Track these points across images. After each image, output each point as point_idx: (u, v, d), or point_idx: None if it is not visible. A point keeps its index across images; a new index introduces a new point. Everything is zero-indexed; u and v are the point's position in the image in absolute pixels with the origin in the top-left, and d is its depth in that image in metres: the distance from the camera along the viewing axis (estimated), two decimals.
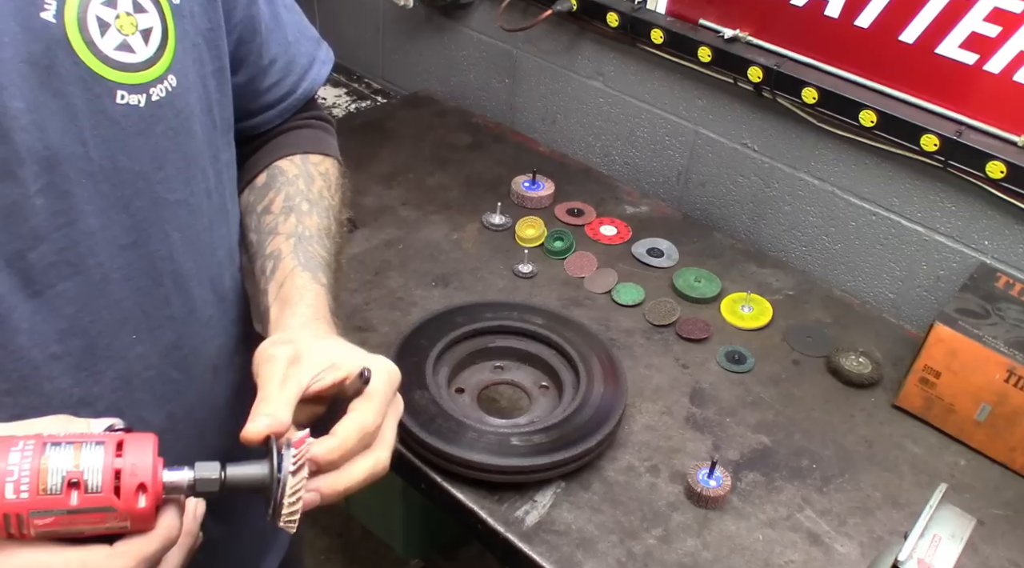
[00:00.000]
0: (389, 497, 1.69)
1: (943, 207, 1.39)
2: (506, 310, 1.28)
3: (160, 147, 0.67)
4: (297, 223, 0.83)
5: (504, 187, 1.65)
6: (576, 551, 1.03)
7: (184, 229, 0.72)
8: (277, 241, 0.82)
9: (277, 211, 0.84)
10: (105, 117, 0.63)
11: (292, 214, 0.84)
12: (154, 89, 0.65)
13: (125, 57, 0.63)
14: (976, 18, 1.23)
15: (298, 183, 0.87)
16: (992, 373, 1.16)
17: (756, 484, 1.14)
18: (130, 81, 0.64)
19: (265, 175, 0.87)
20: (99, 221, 0.65)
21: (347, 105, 2.08)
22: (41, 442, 0.50)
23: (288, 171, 0.88)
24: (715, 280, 1.46)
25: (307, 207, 0.85)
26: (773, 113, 1.51)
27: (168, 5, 0.66)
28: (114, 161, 0.64)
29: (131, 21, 0.63)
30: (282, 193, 0.85)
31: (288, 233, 0.82)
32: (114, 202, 0.65)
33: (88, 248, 0.65)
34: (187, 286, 0.74)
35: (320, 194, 0.88)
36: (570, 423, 1.11)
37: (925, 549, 0.84)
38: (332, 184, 0.91)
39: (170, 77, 0.66)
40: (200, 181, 0.73)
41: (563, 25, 1.72)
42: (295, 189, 0.86)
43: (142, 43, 0.64)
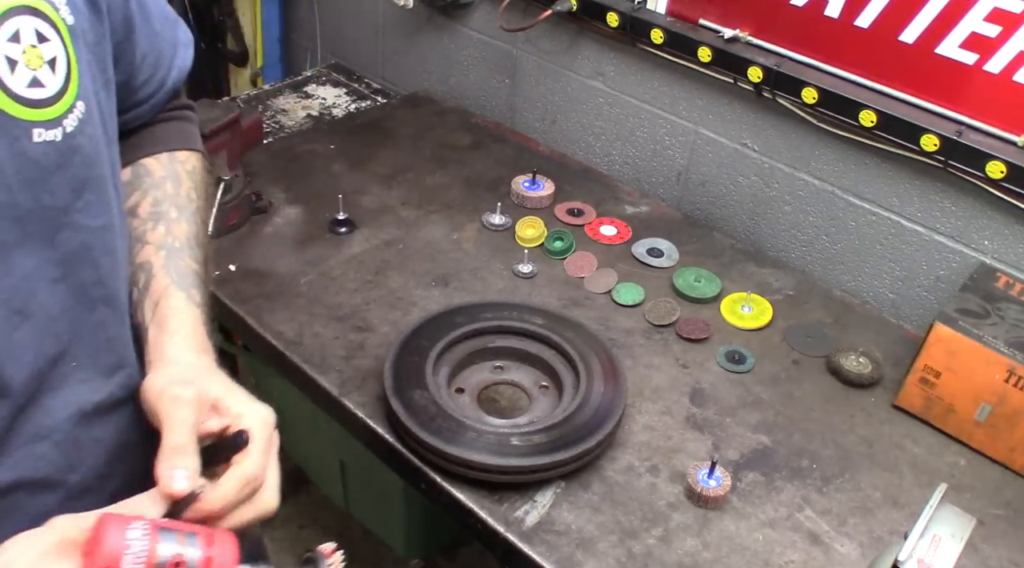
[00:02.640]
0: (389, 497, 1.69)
1: (943, 207, 1.39)
2: (506, 310, 1.28)
3: (78, 177, 0.66)
4: (166, 233, 0.81)
5: (504, 187, 1.65)
6: (576, 551, 1.03)
7: (110, 252, 0.71)
8: (147, 252, 0.80)
9: (144, 216, 0.82)
10: (26, 159, 0.61)
11: (161, 222, 0.82)
12: (67, 120, 0.63)
13: (37, 93, 0.61)
14: (976, 18, 1.23)
15: (165, 186, 0.84)
16: (992, 373, 1.16)
17: (756, 484, 1.14)
18: (44, 117, 0.61)
19: (130, 172, 0.84)
20: (32, 262, 0.64)
21: (347, 105, 2.07)
22: (153, 525, 0.58)
23: (155, 172, 0.85)
24: (715, 280, 1.46)
25: (175, 213, 0.83)
26: (773, 113, 1.51)
27: (65, 28, 0.64)
28: (38, 201, 0.63)
29: (37, 53, 0.60)
30: (149, 196, 0.83)
31: (158, 244, 0.80)
32: (40, 240, 0.64)
33: (29, 291, 0.64)
34: (118, 305, 0.73)
35: (188, 197, 0.85)
36: (570, 423, 1.11)
37: (925, 549, 0.84)
38: (198, 184, 0.88)
39: (79, 104, 0.65)
40: (114, 201, 0.72)
41: (563, 25, 1.72)
42: (162, 193, 0.84)
43: (50, 74, 0.62)
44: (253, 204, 1.52)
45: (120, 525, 0.57)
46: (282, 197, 1.59)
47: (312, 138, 1.80)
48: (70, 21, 0.65)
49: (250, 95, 2.11)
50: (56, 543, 0.57)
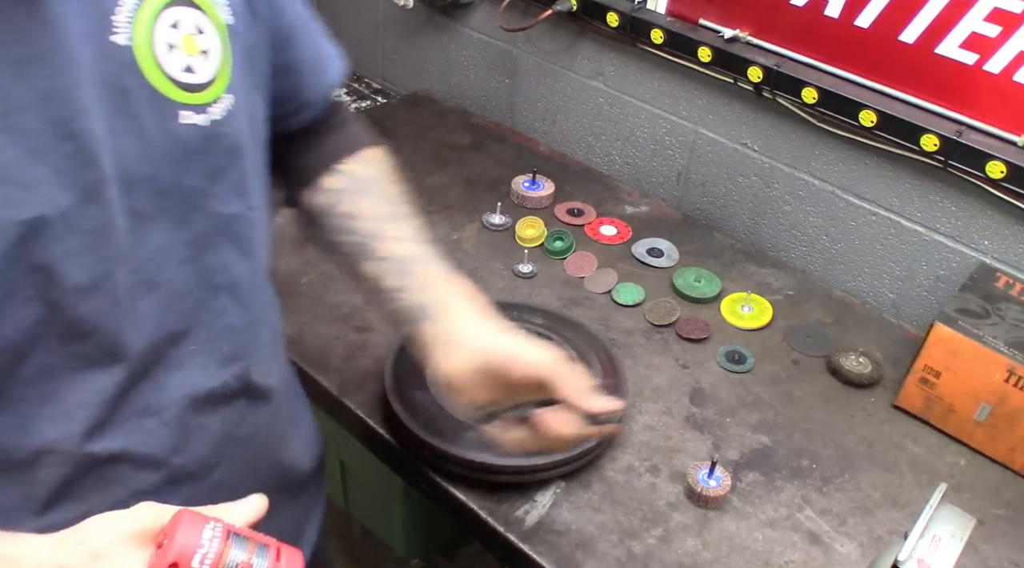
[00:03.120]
0: (389, 497, 1.69)
1: (943, 207, 1.39)
2: (506, 310, 1.27)
3: (217, 164, 0.69)
4: (409, 227, 0.89)
5: (504, 187, 1.65)
6: (576, 551, 1.03)
7: (239, 241, 0.73)
8: (389, 246, 0.86)
9: (370, 216, 0.88)
10: (172, 137, 0.64)
11: (388, 221, 0.88)
12: (213, 108, 0.67)
13: (188, 78, 0.65)
14: (976, 18, 1.23)
15: (380, 188, 0.91)
16: (992, 373, 1.16)
17: (756, 484, 1.14)
18: (193, 101, 0.65)
19: (337, 178, 0.90)
20: (165, 238, 0.67)
21: (347, 105, 2.07)
22: (227, 530, 0.60)
23: (361, 175, 0.91)
24: (715, 280, 1.46)
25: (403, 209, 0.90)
26: (773, 113, 1.51)
27: (223, 26, 0.68)
28: (178, 180, 0.66)
29: (193, 42, 0.65)
30: (368, 199, 0.89)
31: (395, 237, 0.87)
32: (175, 218, 0.67)
33: (159, 265, 0.66)
34: (242, 296, 0.75)
35: (394, 190, 0.92)
36: None
37: (925, 549, 0.84)
38: (393, 173, 0.95)
39: (227, 97, 0.68)
40: (252, 194, 0.75)
41: (563, 25, 1.72)
42: (383, 195, 0.90)
43: (203, 62, 0.66)
44: None
45: (197, 524, 0.59)
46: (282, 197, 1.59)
47: None
48: (229, 21, 0.69)
49: None
50: (134, 531, 0.58)
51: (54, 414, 0.64)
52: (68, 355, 0.63)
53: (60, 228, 0.58)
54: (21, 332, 0.60)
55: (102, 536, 0.58)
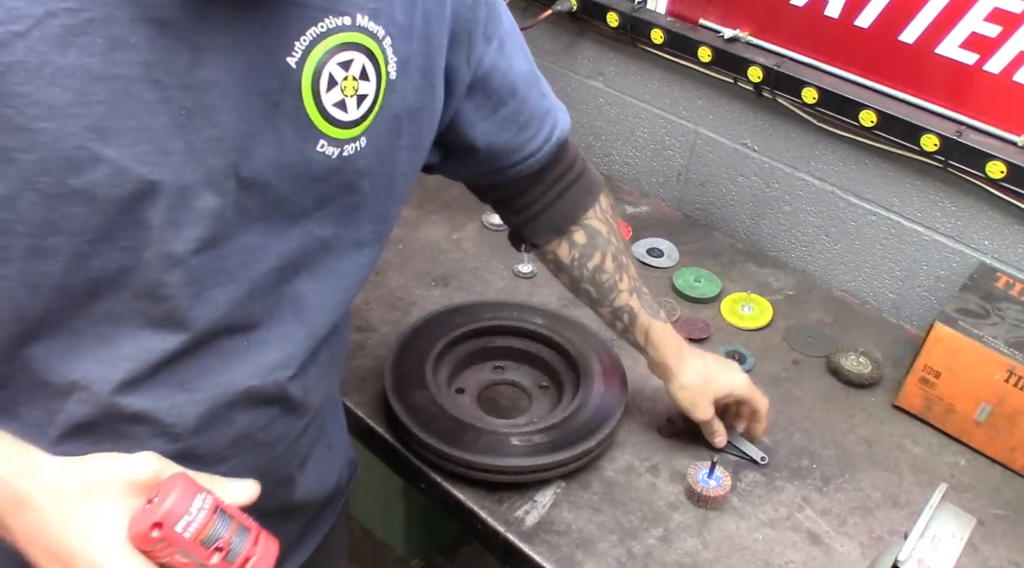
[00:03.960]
0: (389, 497, 1.69)
1: (943, 207, 1.39)
2: (506, 310, 1.28)
3: (329, 193, 0.73)
4: (630, 279, 1.07)
5: None
6: (576, 551, 1.03)
7: (319, 263, 0.77)
8: (623, 298, 1.06)
9: (611, 270, 1.05)
10: (302, 159, 0.69)
11: (624, 272, 1.06)
12: (348, 146, 0.71)
13: (338, 114, 0.69)
14: (976, 18, 1.23)
15: (613, 240, 1.05)
16: (992, 373, 1.16)
17: (756, 484, 1.14)
18: (332, 134, 0.70)
19: (583, 234, 1.03)
20: (259, 240, 0.70)
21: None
22: (216, 504, 0.61)
23: (602, 230, 1.04)
24: (715, 280, 1.46)
25: (625, 260, 1.06)
26: (773, 113, 1.51)
27: (385, 78, 0.72)
28: (292, 196, 0.70)
29: (354, 85, 0.69)
30: (608, 254, 1.04)
31: (629, 290, 1.06)
32: (275, 228, 0.71)
33: (243, 262, 0.70)
34: (305, 313, 0.78)
35: (622, 241, 1.07)
36: (570, 423, 1.11)
37: (925, 549, 0.84)
38: (618, 222, 1.08)
39: (363, 139, 0.72)
40: (347, 227, 0.77)
41: (563, 25, 1.72)
42: (614, 248, 1.05)
43: (355, 105, 0.70)
44: None
45: (190, 491, 0.60)
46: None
47: None
48: (393, 77, 0.73)
49: None
50: (131, 479, 0.61)
51: (103, 356, 0.67)
52: (137, 311, 0.66)
53: (174, 199, 0.63)
54: (106, 273, 0.63)
55: (102, 473, 0.61)
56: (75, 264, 0.62)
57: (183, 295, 0.67)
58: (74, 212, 0.60)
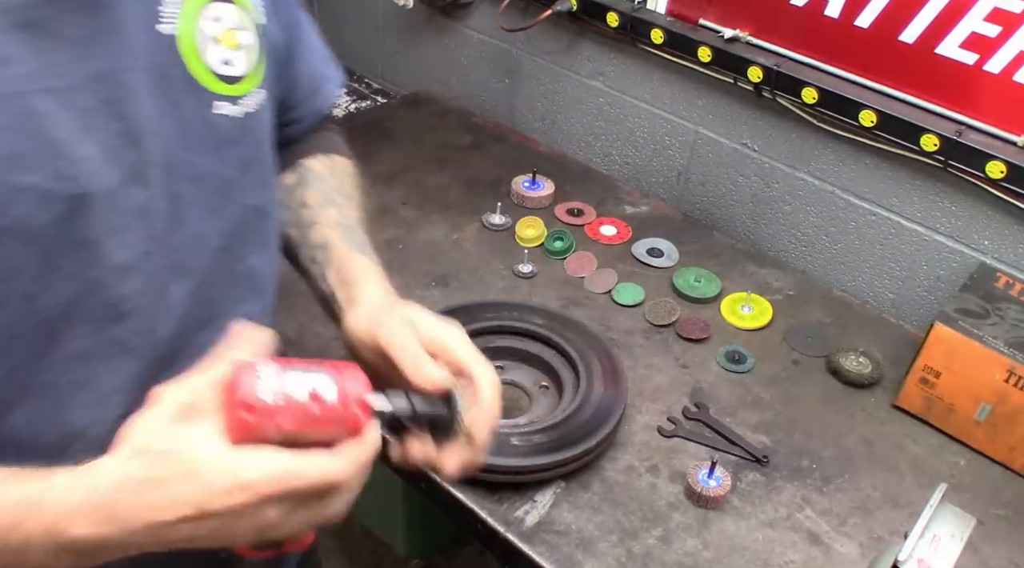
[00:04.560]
0: (389, 497, 1.69)
1: (943, 207, 1.39)
2: (506, 310, 1.28)
3: (247, 156, 0.72)
4: (339, 214, 0.88)
5: (504, 187, 1.65)
6: (576, 551, 1.03)
7: (259, 233, 0.76)
8: (322, 231, 0.85)
9: (315, 205, 0.88)
10: (207, 125, 0.67)
11: (332, 207, 0.88)
12: (246, 101, 0.70)
13: (226, 70, 0.68)
14: (976, 18, 1.23)
15: (329, 180, 0.92)
16: (992, 373, 1.16)
17: (756, 484, 1.14)
18: (228, 92, 0.68)
19: (295, 174, 0.91)
20: (201, 225, 0.68)
21: (347, 105, 2.07)
22: (280, 365, 0.58)
23: (317, 169, 0.92)
24: (715, 280, 1.46)
25: (343, 200, 0.90)
26: (773, 113, 1.51)
27: (260, 26, 0.72)
28: (214, 168, 0.69)
29: (234, 37, 0.68)
30: (316, 188, 0.90)
31: (332, 223, 0.86)
32: (212, 206, 0.69)
33: (193, 252, 0.68)
34: (259, 286, 0.78)
35: (351, 191, 0.93)
36: (570, 423, 1.11)
37: (925, 549, 0.84)
38: (356, 183, 0.96)
39: (259, 91, 0.72)
40: (270, 188, 0.77)
41: (563, 25, 1.72)
42: (328, 185, 0.91)
43: (241, 57, 0.69)
44: None
45: (250, 367, 0.58)
46: None
47: None
48: (261, 21, 0.72)
49: None
50: (173, 412, 0.57)
51: (88, 401, 0.65)
52: (102, 341, 0.64)
53: (105, 206, 0.60)
54: (57, 309, 0.60)
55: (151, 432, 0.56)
56: (24, 309, 0.58)
57: (143, 305, 0.65)
58: (10, 253, 0.56)
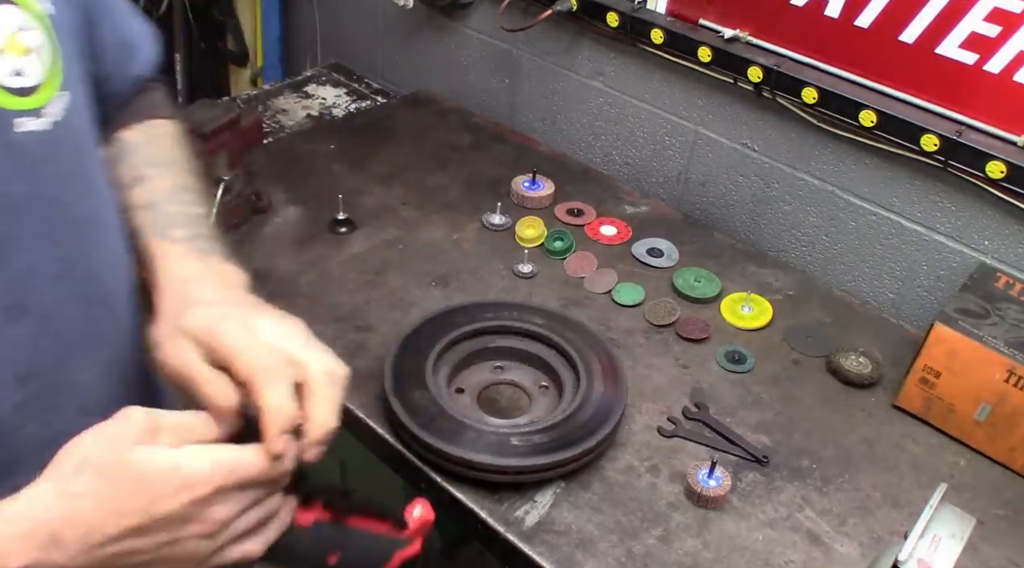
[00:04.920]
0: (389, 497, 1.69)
1: (943, 207, 1.39)
2: (506, 310, 1.28)
3: (65, 169, 0.65)
4: (146, 191, 0.81)
5: (504, 187, 1.65)
6: (576, 551, 1.03)
7: (101, 246, 0.71)
8: (133, 216, 0.80)
9: (127, 183, 0.82)
10: (12, 149, 0.60)
11: (140, 184, 0.82)
12: (51, 109, 0.63)
13: (18, 81, 0.60)
14: (976, 18, 1.23)
15: (140, 150, 0.85)
16: (992, 373, 1.16)
17: (756, 484, 1.14)
18: (26, 107, 0.61)
19: (112, 149, 0.85)
20: (30, 257, 0.63)
21: (347, 105, 2.07)
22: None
23: (130, 140, 0.85)
24: (715, 280, 1.46)
25: (153, 171, 0.83)
26: (773, 113, 1.51)
27: (44, 16, 0.63)
28: (31, 192, 0.62)
29: (17, 42, 0.60)
30: (127, 164, 0.83)
31: (140, 205, 0.80)
32: (40, 234, 0.64)
33: (27, 286, 0.63)
34: (112, 302, 0.73)
35: (163, 155, 0.86)
36: (570, 423, 1.11)
37: (925, 549, 0.84)
38: (174, 143, 0.89)
39: (62, 95, 0.64)
40: (102, 192, 0.72)
41: (563, 25, 1.72)
42: (139, 157, 0.84)
43: (33, 62, 0.62)
44: (253, 204, 1.52)
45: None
46: (282, 197, 1.59)
47: (312, 138, 1.80)
48: (50, 11, 0.64)
49: (250, 95, 2.10)
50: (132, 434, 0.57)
51: None
52: None
53: None
54: None
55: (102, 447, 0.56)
56: None
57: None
58: None
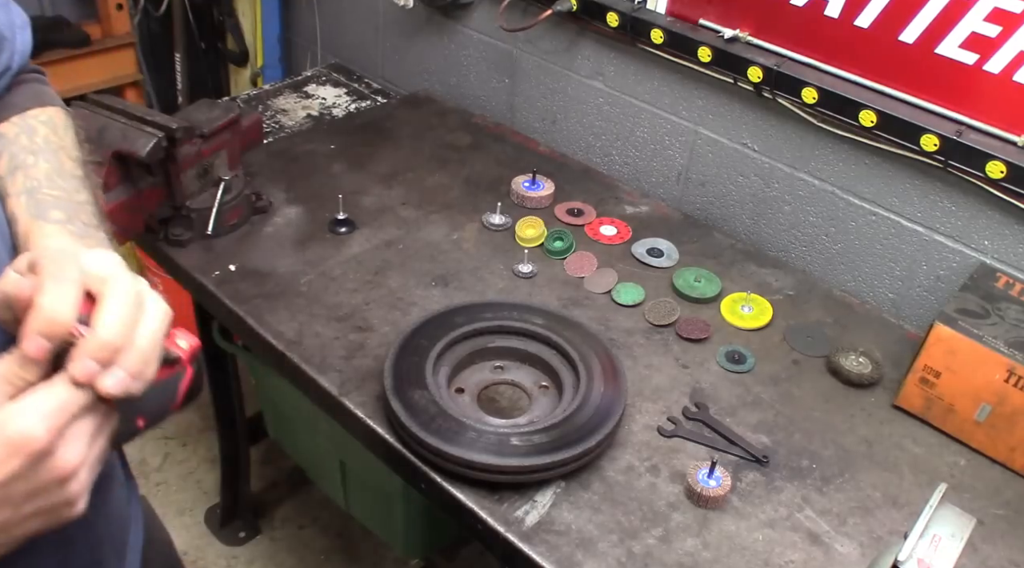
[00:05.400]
0: (389, 497, 1.69)
1: (943, 207, 1.39)
2: (506, 310, 1.28)
3: None
4: (25, 178, 0.81)
5: (504, 187, 1.65)
6: (576, 551, 1.03)
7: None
8: (10, 204, 0.79)
9: (3, 173, 0.81)
10: None
11: (18, 172, 0.81)
12: None
13: None
14: (976, 18, 1.23)
15: (20, 140, 0.84)
16: (992, 373, 1.16)
17: (756, 484, 1.14)
18: None
19: None
20: None
21: (347, 105, 2.08)
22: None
23: (7, 132, 0.85)
24: (715, 280, 1.46)
25: (32, 159, 0.83)
26: (773, 113, 1.51)
27: None
28: None
29: None
30: (4, 155, 0.83)
31: (18, 192, 0.79)
32: None
33: None
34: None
35: (45, 141, 0.85)
36: (570, 423, 1.11)
37: (925, 549, 0.84)
38: (58, 127, 0.88)
39: None
40: None
41: (563, 25, 1.72)
42: (17, 146, 0.83)
43: None
44: (253, 204, 1.52)
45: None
46: (282, 197, 1.59)
47: (312, 138, 1.80)
48: None
49: (250, 95, 2.11)
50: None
51: None
52: None
53: None
54: None
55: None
56: None
57: None
58: None
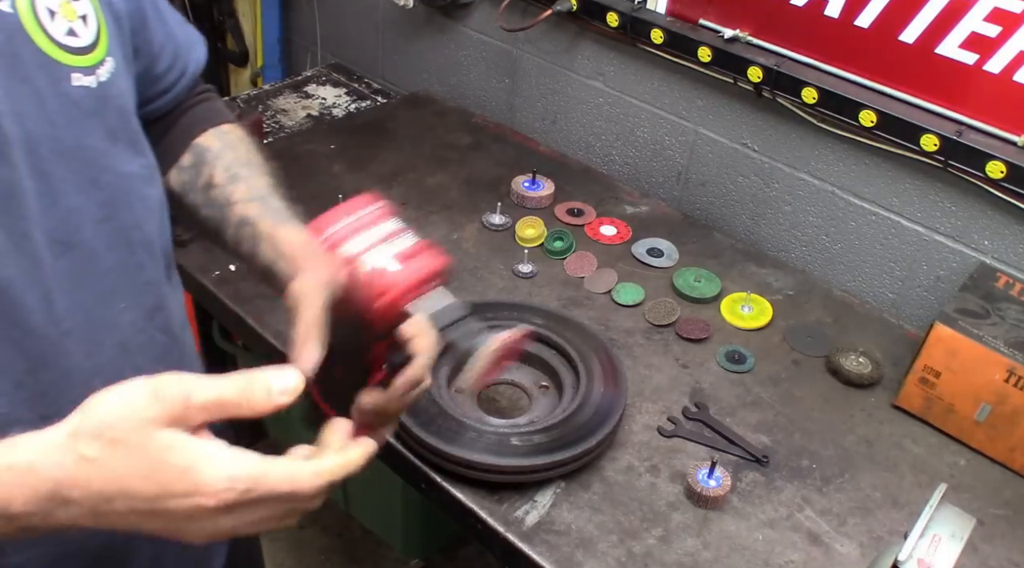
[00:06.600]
0: (389, 497, 1.69)
1: (943, 207, 1.39)
2: (506, 310, 1.28)
3: (113, 125, 0.72)
4: (248, 188, 0.87)
5: (504, 187, 1.65)
6: (576, 551, 1.03)
7: (144, 198, 0.77)
8: (238, 209, 0.85)
9: (222, 182, 0.87)
10: (67, 99, 0.67)
11: (239, 181, 0.87)
12: (100, 70, 0.70)
13: (73, 41, 0.67)
14: (976, 18, 1.23)
15: (226, 154, 0.90)
16: (992, 373, 1.16)
17: (756, 484, 1.14)
18: (81, 64, 0.68)
19: (190, 155, 0.90)
20: (78, 199, 0.69)
21: (347, 105, 2.07)
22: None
23: (212, 146, 0.91)
24: (715, 280, 1.46)
25: (247, 171, 0.89)
26: (773, 113, 1.51)
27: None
28: (79, 141, 0.69)
29: (71, 7, 0.67)
30: (218, 166, 0.89)
31: (246, 198, 0.86)
32: (86, 179, 0.70)
33: (74, 225, 0.69)
34: (155, 251, 0.79)
35: (250, 157, 0.91)
36: (570, 423, 1.11)
37: (925, 549, 0.84)
38: (249, 144, 0.94)
39: (108, 59, 0.71)
40: (145, 153, 0.78)
41: (563, 25, 1.72)
42: (227, 160, 0.89)
43: (83, 27, 0.69)
44: None
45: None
46: None
47: (312, 138, 1.80)
48: None
49: (250, 95, 2.11)
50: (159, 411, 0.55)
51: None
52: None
53: None
54: None
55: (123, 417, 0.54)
56: None
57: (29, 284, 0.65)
58: None
